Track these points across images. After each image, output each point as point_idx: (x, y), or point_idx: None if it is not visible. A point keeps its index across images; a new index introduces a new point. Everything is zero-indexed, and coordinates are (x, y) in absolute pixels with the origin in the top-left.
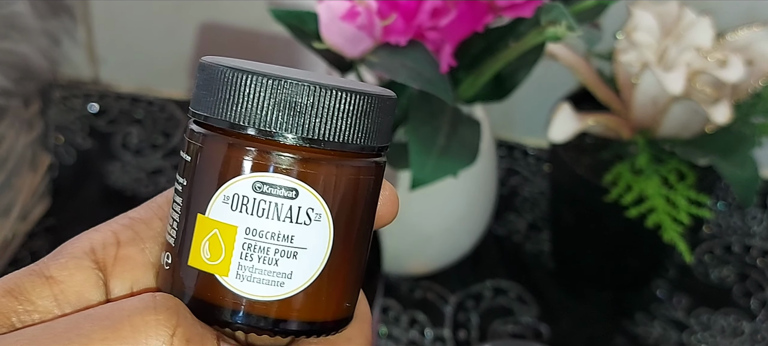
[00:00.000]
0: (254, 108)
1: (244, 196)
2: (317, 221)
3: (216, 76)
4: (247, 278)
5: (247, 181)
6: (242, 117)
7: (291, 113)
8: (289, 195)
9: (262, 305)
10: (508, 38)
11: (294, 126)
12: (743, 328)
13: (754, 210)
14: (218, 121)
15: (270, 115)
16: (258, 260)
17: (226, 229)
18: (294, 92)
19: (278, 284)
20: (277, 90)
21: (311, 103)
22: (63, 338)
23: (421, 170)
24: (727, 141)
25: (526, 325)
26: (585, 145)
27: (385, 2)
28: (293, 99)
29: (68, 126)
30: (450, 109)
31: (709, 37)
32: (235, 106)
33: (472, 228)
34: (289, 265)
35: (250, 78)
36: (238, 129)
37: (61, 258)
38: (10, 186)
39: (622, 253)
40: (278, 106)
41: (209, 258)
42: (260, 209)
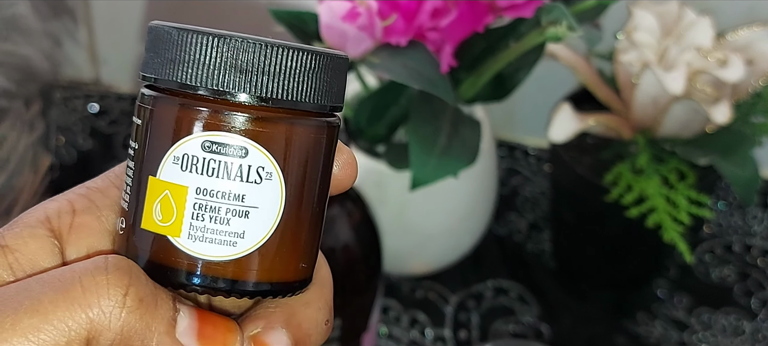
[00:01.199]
0: (202, 67)
1: (194, 156)
2: (268, 180)
3: (163, 37)
4: (199, 238)
5: (196, 140)
6: (190, 77)
7: (239, 72)
8: (239, 153)
9: (216, 265)
10: (508, 38)
11: (243, 85)
12: (744, 327)
13: (754, 209)
14: (167, 83)
15: (218, 75)
16: (210, 220)
17: (177, 189)
18: (242, 51)
19: (231, 243)
20: (225, 49)
21: (260, 62)
22: (12, 302)
23: (422, 170)
24: (727, 141)
25: (527, 325)
26: (585, 145)
27: (385, 3)
28: (241, 58)
29: (69, 127)
30: (451, 109)
31: (709, 37)
32: (183, 67)
33: (472, 228)
34: (241, 224)
35: (197, 37)
36: (186, 89)
37: (16, 228)
38: (11, 187)
39: (623, 252)
40: (226, 65)
41: (161, 220)
42: (210, 168)
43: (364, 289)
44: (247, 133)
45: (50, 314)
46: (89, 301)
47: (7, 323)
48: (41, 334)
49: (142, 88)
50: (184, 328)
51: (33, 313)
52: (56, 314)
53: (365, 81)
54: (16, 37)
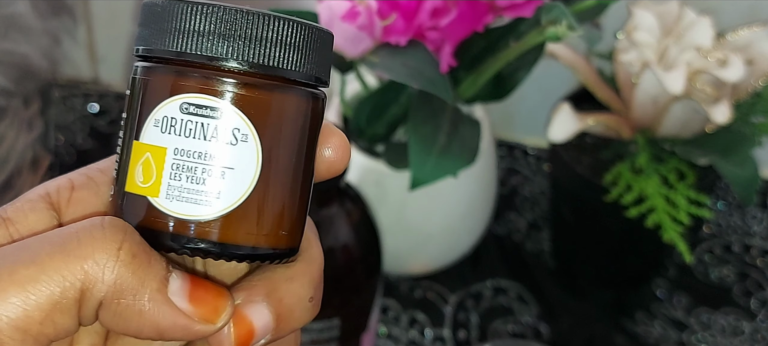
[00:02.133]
0: (180, 33)
1: (173, 117)
2: (244, 142)
3: (147, 9)
4: (176, 197)
5: (174, 103)
6: (170, 43)
7: (217, 37)
8: (214, 115)
9: (190, 224)
10: (508, 38)
11: (220, 49)
12: (743, 327)
13: (754, 209)
14: (149, 51)
15: (195, 40)
16: (186, 180)
17: (157, 151)
18: (218, 17)
19: (206, 203)
20: (203, 16)
21: (237, 27)
22: (11, 256)
23: (421, 170)
24: (727, 140)
25: (526, 324)
26: (585, 145)
27: (385, 2)
28: (219, 23)
29: (68, 126)
30: (450, 108)
31: (709, 37)
32: (164, 34)
33: (472, 227)
34: (216, 184)
35: (175, 6)
36: (166, 55)
37: (18, 202)
38: (10, 186)
39: (623, 252)
40: (204, 31)
41: (142, 181)
42: (187, 129)
43: (363, 288)
44: (222, 95)
45: (47, 265)
46: (84, 252)
47: (5, 274)
48: (37, 284)
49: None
50: (176, 288)
51: (30, 264)
52: (52, 265)
53: (365, 81)
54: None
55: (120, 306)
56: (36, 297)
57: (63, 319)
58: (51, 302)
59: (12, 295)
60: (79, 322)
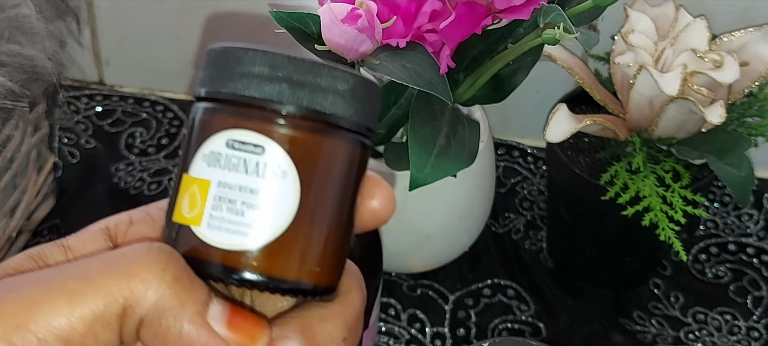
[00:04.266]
0: (232, 76)
1: (219, 152)
2: (283, 179)
3: (209, 54)
4: (216, 227)
5: (221, 139)
6: (222, 84)
7: (270, 81)
8: (257, 151)
9: (228, 254)
10: (506, 40)
11: (271, 92)
12: (739, 325)
13: (749, 209)
14: (206, 92)
15: (245, 82)
16: (227, 211)
17: (202, 183)
18: (272, 62)
19: (243, 233)
20: (257, 60)
21: (288, 72)
22: (63, 270)
23: (421, 170)
24: (722, 141)
25: (524, 323)
26: (582, 146)
27: (385, 5)
28: (272, 68)
29: (73, 127)
30: (449, 109)
31: (704, 39)
32: (217, 76)
33: (471, 227)
34: (252, 216)
35: (232, 51)
36: (219, 96)
37: (80, 234)
38: (15, 186)
39: (620, 251)
40: (258, 75)
41: (188, 211)
42: (231, 163)
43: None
44: (268, 133)
45: (94, 279)
46: (130, 271)
47: (56, 285)
48: (83, 297)
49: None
50: (215, 313)
51: (79, 278)
52: (99, 280)
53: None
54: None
55: (160, 326)
56: (81, 310)
57: (104, 333)
58: (94, 316)
59: (60, 306)
60: (120, 339)
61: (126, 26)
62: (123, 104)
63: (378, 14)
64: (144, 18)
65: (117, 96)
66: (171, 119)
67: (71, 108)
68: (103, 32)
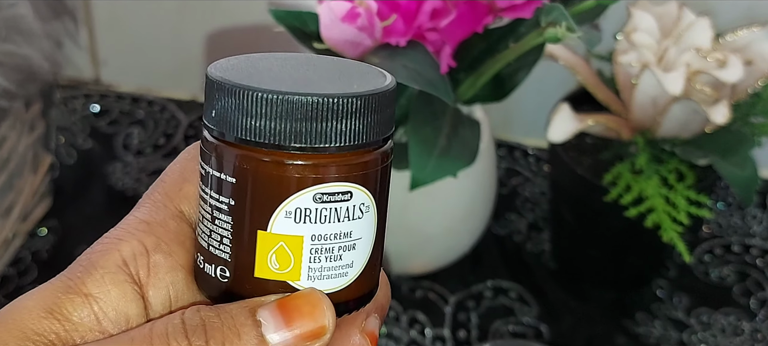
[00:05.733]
0: (299, 125)
1: (306, 208)
2: (367, 212)
3: (249, 98)
4: (317, 277)
5: (307, 195)
6: (287, 137)
7: (333, 123)
8: (345, 198)
9: (334, 295)
10: (507, 39)
11: (337, 135)
12: (743, 327)
13: (753, 210)
14: (260, 144)
15: (313, 129)
16: (325, 260)
17: (293, 240)
18: (333, 105)
19: (343, 275)
20: (317, 106)
21: (347, 112)
22: None
23: (421, 171)
24: (726, 141)
25: (526, 325)
26: (585, 146)
27: (385, 3)
28: (334, 111)
29: (69, 127)
30: (450, 109)
31: (708, 38)
32: (281, 126)
33: (472, 228)
34: (350, 256)
35: (259, 96)
36: (284, 149)
37: (96, 273)
38: (11, 186)
39: (623, 253)
40: (321, 120)
41: (278, 268)
42: (322, 216)
43: None
44: (349, 179)
45: None
46: None
47: None
48: None
49: (225, 145)
50: (270, 330)
51: None
52: None
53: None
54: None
55: None
56: None
57: None
58: None
59: None
60: None
61: (123, 26)
62: (120, 104)
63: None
64: (141, 18)
65: (114, 96)
66: (168, 119)
67: (68, 108)
68: (100, 32)
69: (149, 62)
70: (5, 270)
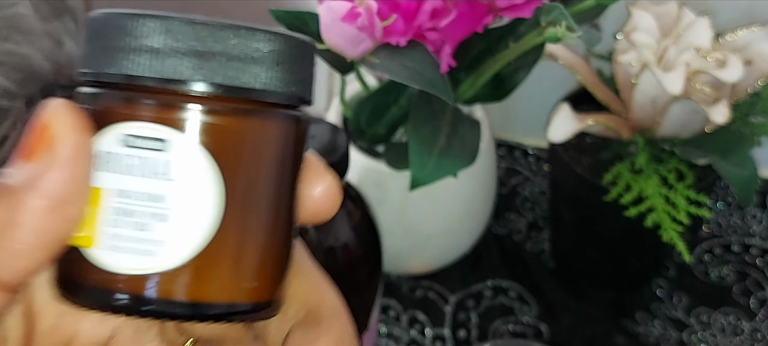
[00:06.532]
0: (119, 51)
1: (111, 152)
2: (198, 178)
3: (90, 24)
4: (114, 248)
5: (113, 135)
6: (107, 63)
7: (170, 55)
8: (159, 146)
9: (134, 279)
10: (507, 39)
11: (174, 69)
12: (743, 327)
13: (753, 209)
14: (88, 74)
15: (136, 59)
16: (126, 226)
17: (93, 193)
18: (173, 30)
19: (148, 253)
20: (152, 29)
21: (195, 42)
22: None
23: (421, 170)
24: (726, 141)
25: (526, 324)
26: (585, 145)
27: (385, 3)
28: (172, 38)
29: None
30: (450, 109)
31: (708, 38)
32: (102, 53)
33: (472, 228)
34: (164, 230)
35: (117, 19)
36: (110, 79)
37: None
38: None
39: (623, 252)
40: (154, 49)
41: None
42: (128, 165)
43: (364, 288)
44: (175, 124)
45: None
46: None
47: None
48: None
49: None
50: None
51: None
52: None
53: (365, 81)
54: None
55: None
56: None
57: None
58: None
59: None
60: None
61: None
62: None
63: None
64: None
65: None
66: None
67: None
68: None
69: None
70: None
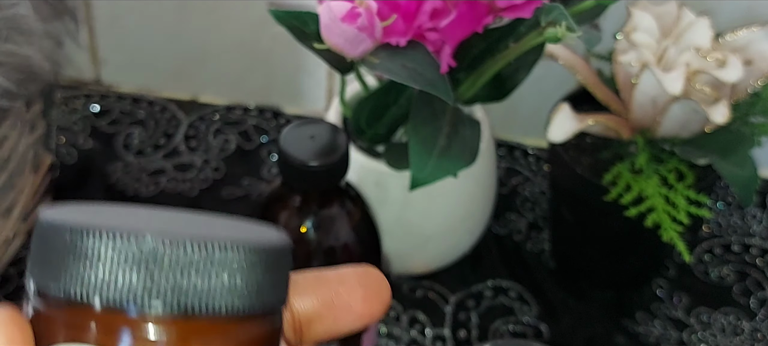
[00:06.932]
0: (63, 265)
1: None
2: None
3: (37, 229)
4: None
5: None
6: (51, 276)
7: (112, 271)
8: None
9: None
10: (507, 39)
11: (113, 288)
12: (743, 326)
13: (753, 209)
14: (34, 285)
15: (79, 275)
16: None
17: None
18: (115, 244)
19: None
20: (94, 248)
21: (138, 255)
22: None
23: (421, 171)
24: (726, 141)
25: (526, 324)
26: (585, 145)
27: (385, 3)
28: (116, 252)
29: (70, 127)
30: (450, 109)
31: (708, 38)
32: (47, 264)
33: (472, 227)
34: None
35: (57, 229)
36: (48, 292)
37: None
38: (12, 186)
39: (623, 252)
40: (94, 262)
41: None
42: None
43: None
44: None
45: None
46: None
47: None
48: None
49: (30, 285)
50: None
51: None
52: None
53: (365, 81)
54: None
55: None
56: None
57: None
58: None
59: None
60: None
61: (123, 26)
62: (120, 104)
63: (378, 13)
64: (141, 18)
65: (114, 96)
66: (169, 119)
67: (68, 108)
68: (100, 32)
69: (150, 63)
70: (6, 270)
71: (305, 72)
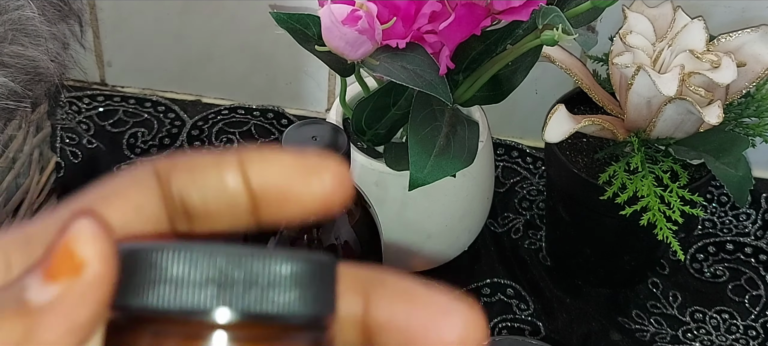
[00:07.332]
0: (144, 284)
1: None
2: None
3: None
4: None
5: None
6: (132, 295)
7: (187, 285)
8: None
9: None
10: (505, 41)
11: (190, 298)
12: (737, 324)
13: (747, 209)
14: (118, 306)
15: (160, 290)
16: None
17: None
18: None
19: None
20: (170, 263)
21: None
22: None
23: (420, 171)
24: (720, 141)
25: (523, 321)
26: (581, 146)
27: (385, 6)
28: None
29: (75, 127)
30: (449, 110)
31: (702, 40)
32: (127, 284)
33: (470, 226)
34: None
35: (137, 253)
36: (130, 310)
37: None
38: (17, 186)
39: (618, 251)
40: (171, 279)
41: None
42: None
43: None
44: None
45: None
46: None
47: None
48: None
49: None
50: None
51: None
52: None
53: (365, 83)
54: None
55: None
56: None
57: None
58: None
59: None
60: None
61: (128, 28)
62: (125, 105)
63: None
64: (145, 19)
65: (119, 97)
66: (172, 119)
67: (73, 108)
68: (105, 34)
69: (154, 64)
70: None
71: (307, 74)
